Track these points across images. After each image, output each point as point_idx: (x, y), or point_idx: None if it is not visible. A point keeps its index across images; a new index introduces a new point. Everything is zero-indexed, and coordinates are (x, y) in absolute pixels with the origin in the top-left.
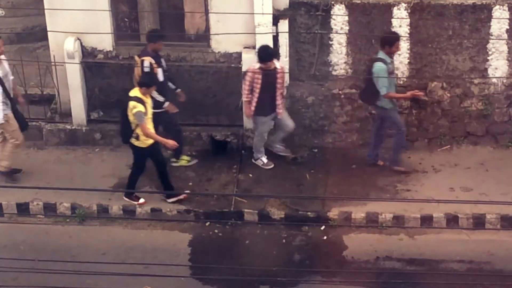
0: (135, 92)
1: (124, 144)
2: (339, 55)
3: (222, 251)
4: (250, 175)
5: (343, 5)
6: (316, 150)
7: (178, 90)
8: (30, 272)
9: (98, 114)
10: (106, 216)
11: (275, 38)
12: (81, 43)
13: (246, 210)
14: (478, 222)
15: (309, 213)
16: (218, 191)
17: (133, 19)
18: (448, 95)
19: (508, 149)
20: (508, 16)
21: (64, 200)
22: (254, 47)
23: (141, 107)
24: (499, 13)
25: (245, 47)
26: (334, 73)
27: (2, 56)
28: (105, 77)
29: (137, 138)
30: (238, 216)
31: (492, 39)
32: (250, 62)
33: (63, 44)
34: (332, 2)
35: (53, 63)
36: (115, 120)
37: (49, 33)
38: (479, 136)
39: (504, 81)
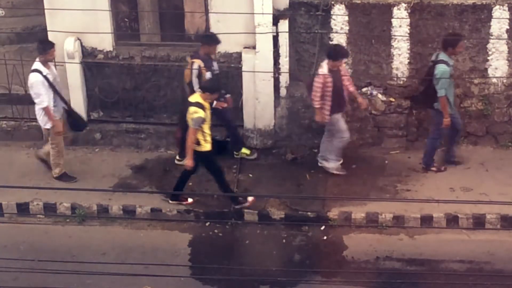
0: (195, 97)
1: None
2: None
3: (222, 251)
4: (250, 175)
5: (343, 5)
6: (316, 150)
7: (228, 95)
8: (30, 272)
9: (98, 114)
10: (106, 216)
11: (275, 38)
12: (81, 43)
13: (246, 210)
14: (478, 222)
15: (309, 213)
16: (218, 191)
17: (133, 19)
18: None
19: (508, 149)
20: (508, 16)
21: (64, 200)
22: (254, 47)
23: (202, 113)
24: (499, 13)
25: (245, 47)
26: None
27: (51, 62)
28: (105, 77)
29: (198, 143)
30: (238, 216)
31: (492, 39)
32: (250, 62)
33: (63, 44)
34: (332, 2)
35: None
36: (115, 120)
37: (49, 33)
38: (479, 136)
39: (504, 81)
